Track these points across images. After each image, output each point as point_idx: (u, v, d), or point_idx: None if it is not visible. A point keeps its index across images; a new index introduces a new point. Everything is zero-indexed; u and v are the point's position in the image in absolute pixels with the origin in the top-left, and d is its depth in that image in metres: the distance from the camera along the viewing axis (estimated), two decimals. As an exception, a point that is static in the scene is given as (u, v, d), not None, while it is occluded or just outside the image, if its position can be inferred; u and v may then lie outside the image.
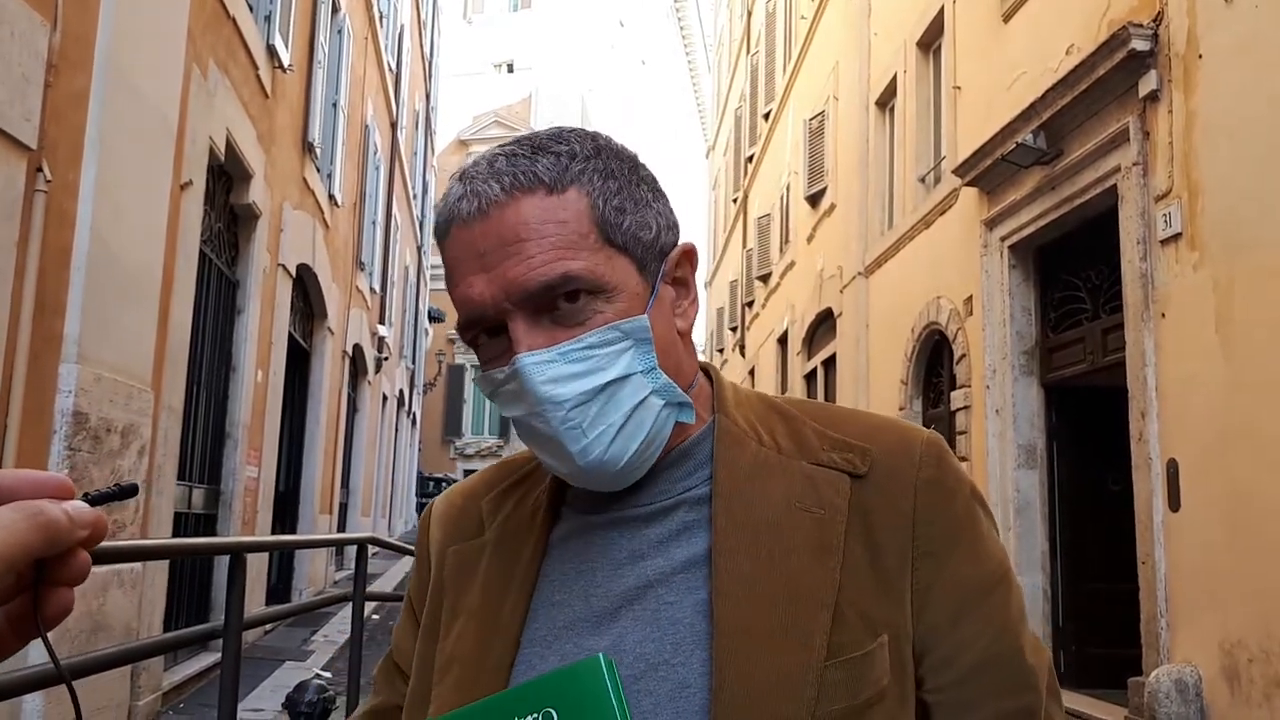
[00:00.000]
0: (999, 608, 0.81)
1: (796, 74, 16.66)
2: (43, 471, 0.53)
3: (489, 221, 0.75)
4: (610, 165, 0.79)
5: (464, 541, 0.88)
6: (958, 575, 0.79)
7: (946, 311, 9.49)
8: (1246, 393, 5.29)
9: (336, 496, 12.23)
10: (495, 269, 0.74)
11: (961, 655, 0.78)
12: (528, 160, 0.76)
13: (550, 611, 0.80)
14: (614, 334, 0.75)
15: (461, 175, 0.79)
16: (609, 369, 0.75)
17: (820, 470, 0.80)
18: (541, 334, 0.75)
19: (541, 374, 0.73)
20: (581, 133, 0.81)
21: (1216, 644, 5.40)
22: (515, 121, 26.04)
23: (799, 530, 0.77)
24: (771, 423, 0.85)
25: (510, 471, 0.93)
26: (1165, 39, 6.08)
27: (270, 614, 5.11)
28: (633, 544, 0.81)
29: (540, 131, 0.81)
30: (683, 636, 0.75)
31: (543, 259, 0.73)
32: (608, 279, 0.76)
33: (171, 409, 5.58)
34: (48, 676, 2.01)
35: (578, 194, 0.76)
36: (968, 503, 0.82)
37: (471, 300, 0.76)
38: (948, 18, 9.81)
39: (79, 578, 0.53)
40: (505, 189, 0.75)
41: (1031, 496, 7.96)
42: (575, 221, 0.75)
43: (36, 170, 3.92)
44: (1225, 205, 5.52)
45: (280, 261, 8.46)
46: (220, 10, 6.34)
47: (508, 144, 0.80)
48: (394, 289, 16.98)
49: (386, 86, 15.09)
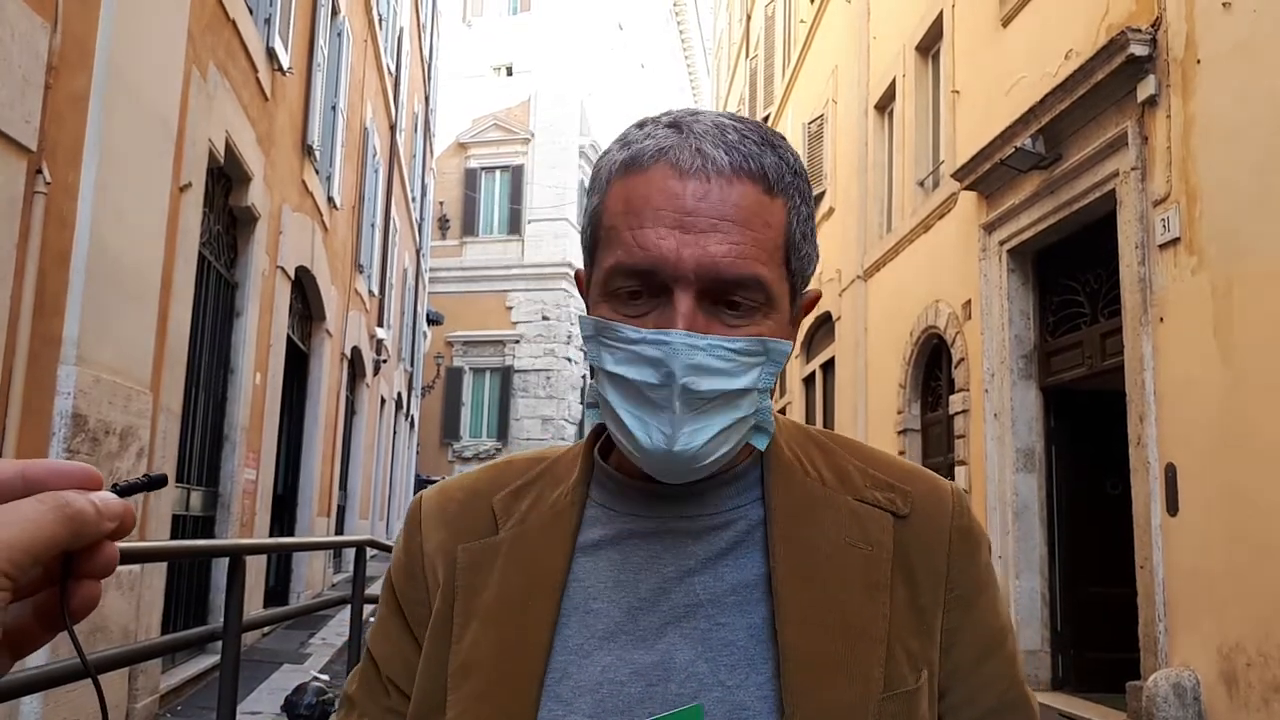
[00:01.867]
0: (1011, 657, 0.87)
1: (795, 77, 16.68)
2: (70, 462, 0.52)
3: (708, 186, 0.73)
4: (806, 189, 0.79)
5: (473, 540, 0.84)
6: (982, 621, 0.84)
7: (945, 315, 9.49)
8: (1245, 397, 5.29)
9: (335, 499, 12.22)
10: (698, 236, 0.72)
11: (981, 696, 0.83)
12: (758, 148, 0.75)
13: (585, 619, 0.78)
14: (759, 347, 0.75)
15: (677, 122, 0.76)
16: (741, 377, 0.75)
17: (865, 508, 0.82)
18: (702, 319, 0.74)
19: (690, 357, 0.72)
20: (788, 145, 0.80)
21: (1215, 648, 5.40)
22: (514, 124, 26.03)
23: (849, 565, 0.79)
24: (811, 453, 0.86)
25: (518, 471, 0.89)
26: (1164, 44, 6.09)
27: (269, 616, 5.11)
28: (680, 558, 0.80)
29: (757, 123, 0.79)
30: (737, 659, 0.76)
31: (747, 251, 0.73)
32: (778, 297, 0.77)
33: (170, 411, 5.57)
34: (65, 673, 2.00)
35: (784, 206, 0.76)
36: (988, 555, 0.87)
37: (658, 252, 0.73)
38: (947, 22, 9.82)
39: (106, 570, 0.52)
40: (734, 166, 0.74)
41: (1030, 500, 7.96)
42: (775, 230, 0.76)
43: (36, 172, 3.92)
44: (1223, 210, 5.53)
45: (279, 264, 8.46)
46: (220, 13, 6.35)
47: (731, 116, 0.79)
48: (392, 291, 16.98)
49: (386, 89, 15.09)
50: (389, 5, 14.87)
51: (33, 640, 0.53)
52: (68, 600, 0.52)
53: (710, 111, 0.78)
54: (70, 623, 0.52)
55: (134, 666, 5.07)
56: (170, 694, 5.94)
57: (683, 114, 0.77)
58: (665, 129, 0.76)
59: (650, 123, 0.78)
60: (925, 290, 10.04)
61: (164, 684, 5.81)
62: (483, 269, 25.68)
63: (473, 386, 25.68)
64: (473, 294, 25.45)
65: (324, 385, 11.05)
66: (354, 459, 14.27)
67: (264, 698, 6.40)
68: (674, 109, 0.79)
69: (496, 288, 25.49)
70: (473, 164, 26.38)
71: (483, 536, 0.84)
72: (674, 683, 0.74)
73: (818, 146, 14.50)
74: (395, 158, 16.53)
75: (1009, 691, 0.85)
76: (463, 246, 26.17)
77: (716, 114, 0.78)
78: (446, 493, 0.90)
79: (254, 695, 6.43)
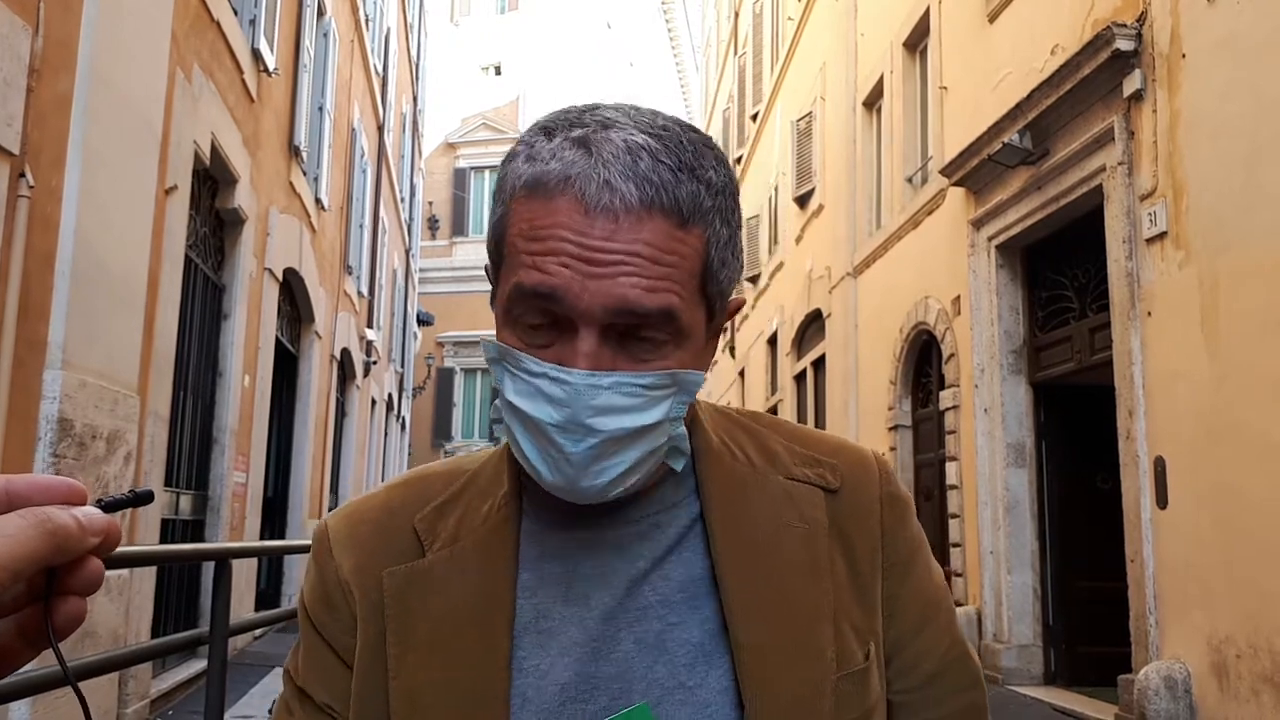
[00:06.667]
0: (949, 615, 0.88)
1: (784, 75, 16.69)
2: (54, 476, 0.51)
3: (615, 226, 0.69)
4: (729, 207, 0.75)
5: (398, 564, 0.79)
6: (918, 586, 0.85)
7: (935, 311, 9.51)
8: (1232, 389, 5.31)
9: (326, 501, 12.18)
10: (602, 274, 0.69)
11: (925, 659, 0.84)
12: (672, 177, 0.70)
13: (538, 638, 0.76)
14: (669, 380, 0.72)
15: (586, 141, 0.70)
16: (650, 411, 0.71)
17: (796, 485, 0.82)
18: (606, 355, 0.70)
19: (593, 397, 0.69)
20: (720, 155, 0.76)
21: (1205, 640, 5.42)
22: (503, 124, 26.00)
23: (789, 546, 0.79)
24: (737, 437, 0.85)
25: (437, 487, 0.84)
26: (1149, 38, 6.10)
27: (257, 620, 5.10)
28: (627, 561, 0.78)
29: (682, 133, 0.73)
30: (694, 658, 0.75)
31: (656, 287, 0.69)
32: (690, 326, 0.73)
33: (158, 415, 5.55)
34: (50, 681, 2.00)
35: (700, 235, 0.72)
36: (915, 518, 0.87)
37: (556, 286, 0.69)
38: (933, 18, 9.83)
39: (91, 587, 0.51)
40: (644, 202, 0.69)
41: (1021, 495, 7.98)
42: (689, 261, 0.71)
43: (19, 175, 3.90)
44: (1209, 203, 5.55)
45: (267, 266, 8.43)
46: (204, 14, 6.32)
47: (647, 124, 0.72)
48: (382, 293, 16.94)
49: (373, 90, 15.06)
50: (376, 5, 14.83)
51: (17, 657, 0.52)
52: (52, 617, 0.51)
53: (626, 122, 0.72)
54: (55, 640, 0.51)
55: (124, 671, 5.05)
56: (161, 699, 5.91)
57: (594, 126, 0.71)
58: (573, 149, 0.70)
59: (561, 131, 0.72)
60: (915, 286, 10.06)
61: (154, 689, 5.78)
62: (473, 269, 25.63)
63: (464, 387, 25.66)
64: (463, 294, 25.40)
65: (314, 387, 11.01)
66: (345, 461, 14.23)
67: (255, 702, 6.37)
68: (588, 113, 0.73)
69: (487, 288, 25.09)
70: (462, 164, 26.35)
71: (406, 560, 0.79)
72: (636, 692, 0.73)
73: (807, 144, 14.51)
74: (383, 158, 16.49)
75: (950, 650, 0.86)
76: (452, 246, 26.14)
77: (632, 126, 0.71)
78: (357, 515, 0.85)
79: (245, 699, 6.40)
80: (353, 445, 14.70)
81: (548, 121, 0.74)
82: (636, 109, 0.75)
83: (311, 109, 10.19)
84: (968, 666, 0.88)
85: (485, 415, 25.12)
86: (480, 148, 26.26)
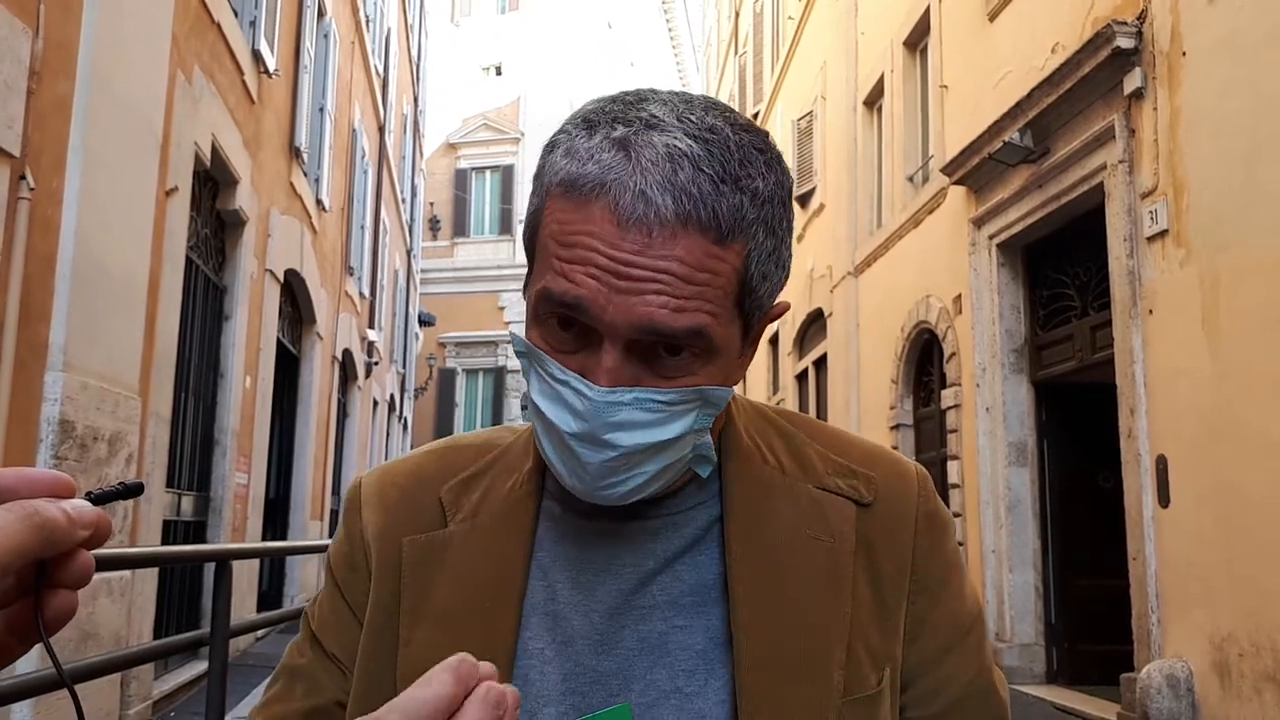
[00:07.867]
0: (979, 644, 0.83)
1: (784, 74, 16.69)
2: (42, 469, 0.51)
3: (648, 239, 0.65)
4: (776, 215, 0.71)
5: (420, 532, 0.79)
6: (949, 611, 0.80)
7: (936, 310, 9.51)
8: (1233, 387, 5.31)
9: (328, 503, 12.19)
10: (630, 289, 0.66)
11: (947, 688, 0.80)
12: (713, 189, 0.66)
13: (545, 621, 0.75)
14: (694, 395, 0.70)
15: (627, 142, 0.67)
16: (671, 426, 0.69)
17: (826, 496, 0.79)
18: (629, 369, 0.68)
19: (613, 414, 0.68)
20: (773, 156, 0.71)
21: (1207, 639, 5.42)
22: (504, 124, 25.99)
23: (810, 559, 0.76)
24: (770, 438, 0.83)
25: (468, 459, 0.84)
26: (1149, 36, 6.10)
27: (258, 621, 5.10)
28: (638, 558, 0.77)
29: (732, 135, 0.69)
30: (695, 665, 0.73)
31: (685, 306, 0.66)
32: (722, 343, 0.70)
33: (159, 416, 5.55)
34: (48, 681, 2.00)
35: (739, 251, 0.68)
36: (954, 540, 0.83)
37: (582, 297, 0.67)
38: (934, 17, 9.83)
39: (81, 580, 0.50)
40: (680, 216, 0.65)
41: (1022, 494, 7.97)
42: (726, 279, 0.68)
43: (20, 178, 3.90)
44: (1210, 201, 5.54)
45: (268, 267, 8.43)
46: (205, 16, 6.32)
47: (694, 125, 0.68)
48: (383, 293, 16.94)
49: (374, 90, 15.06)
50: (376, 6, 14.83)
51: (8, 652, 0.51)
52: (42, 611, 0.50)
53: (672, 123, 0.68)
54: (46, 634, 0.50)
55: (126, 673, 5.05)
56: (163, 700, 5.92)
57: (638, 126, 0.67)
58: (612, 151, 0.67)
59: (603, 127, 0.68)
60: (916, 285, 10.05)
61: (157, 690, 5.79)
62: (474, 269, 25.64)
63: (466, 387, 25.65)
64: (465, 295, 25.40)
65: (315, 388, 11.02)
66: (347, 462, 14.23)
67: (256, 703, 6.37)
68: (634, 108, 0.70)
69: (489, 288, 25.43)
70: (463, 164, 26.34)
71: (429, 529, 0.80)
72: (634, 691, 0.72)
73: (807, 143, 14.51)
74: (384, 159, 16.49)
75: (976, 680, 0.81)
76: (454, 247, 26.13)
77: (678, 128, 0.67)
78: (388, 476, 0.85)
79: (247, 700, 6.40)
80: (355, 446, 14.70)
81: (592, 112, 0.71)
82: (688, 103, 0.70)
83: (312, 110, 10.20)
84: (989, 702, 0.82)
85: (487, 416, 25.12)
86: (481, 148, 26.25)
